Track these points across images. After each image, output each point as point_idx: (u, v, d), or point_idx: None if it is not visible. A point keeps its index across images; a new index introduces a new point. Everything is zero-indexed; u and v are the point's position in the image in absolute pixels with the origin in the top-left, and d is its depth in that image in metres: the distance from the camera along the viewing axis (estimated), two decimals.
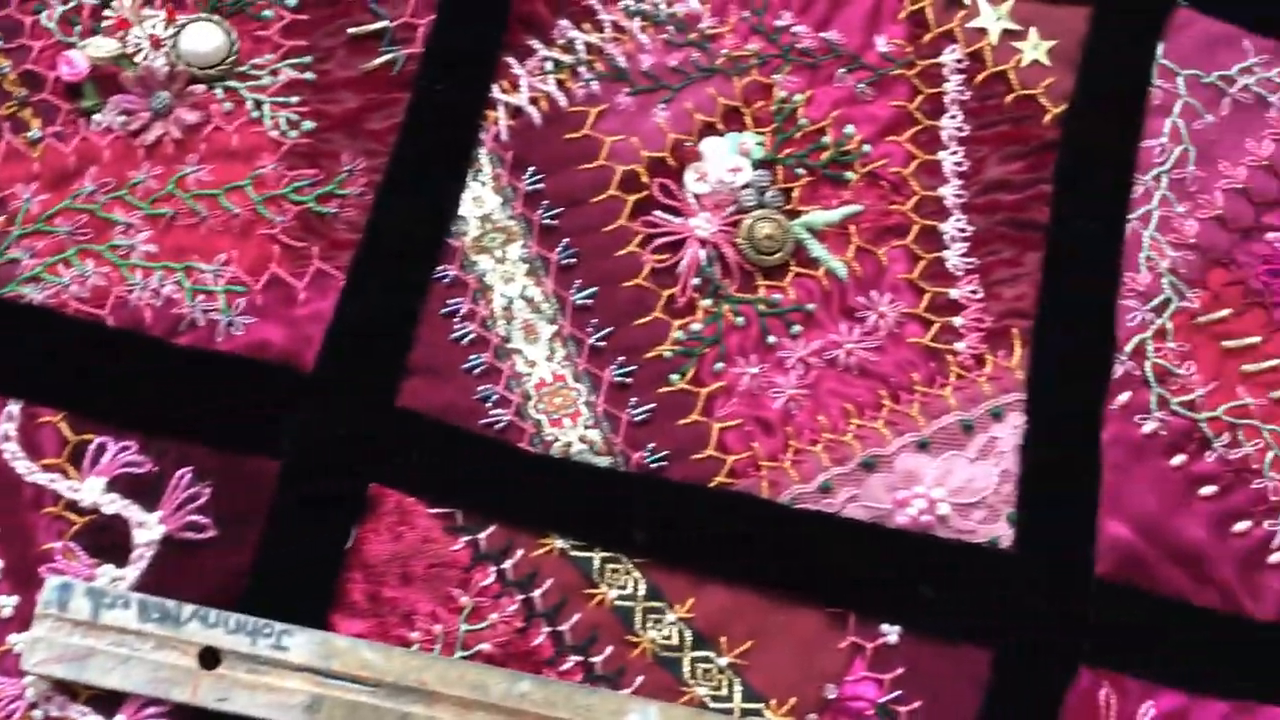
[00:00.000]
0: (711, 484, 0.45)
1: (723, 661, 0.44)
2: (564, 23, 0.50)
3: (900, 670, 0.44)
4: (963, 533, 0.45)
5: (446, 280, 0.47)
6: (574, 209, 0.48)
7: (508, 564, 0.44)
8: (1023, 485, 0.45)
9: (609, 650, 0.44)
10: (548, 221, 0.48)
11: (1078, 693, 0.44)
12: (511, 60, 0.49)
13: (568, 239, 0.48)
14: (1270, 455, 0.46)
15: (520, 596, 0.44)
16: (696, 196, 0.48)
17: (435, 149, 0.48)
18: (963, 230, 0.49)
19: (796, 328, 0.48)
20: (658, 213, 0.48)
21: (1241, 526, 0.46)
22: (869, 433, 0.46)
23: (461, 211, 0.48)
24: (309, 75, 0.49)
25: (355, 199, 0.48)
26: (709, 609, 0.44)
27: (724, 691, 0.43)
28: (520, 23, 0.50)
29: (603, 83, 0.50)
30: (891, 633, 0.44)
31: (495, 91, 0.49)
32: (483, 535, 0.44)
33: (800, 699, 0.43)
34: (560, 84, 0.49)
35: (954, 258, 0.48)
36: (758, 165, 0.49)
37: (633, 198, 0.49)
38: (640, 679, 0.43)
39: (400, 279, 0.46)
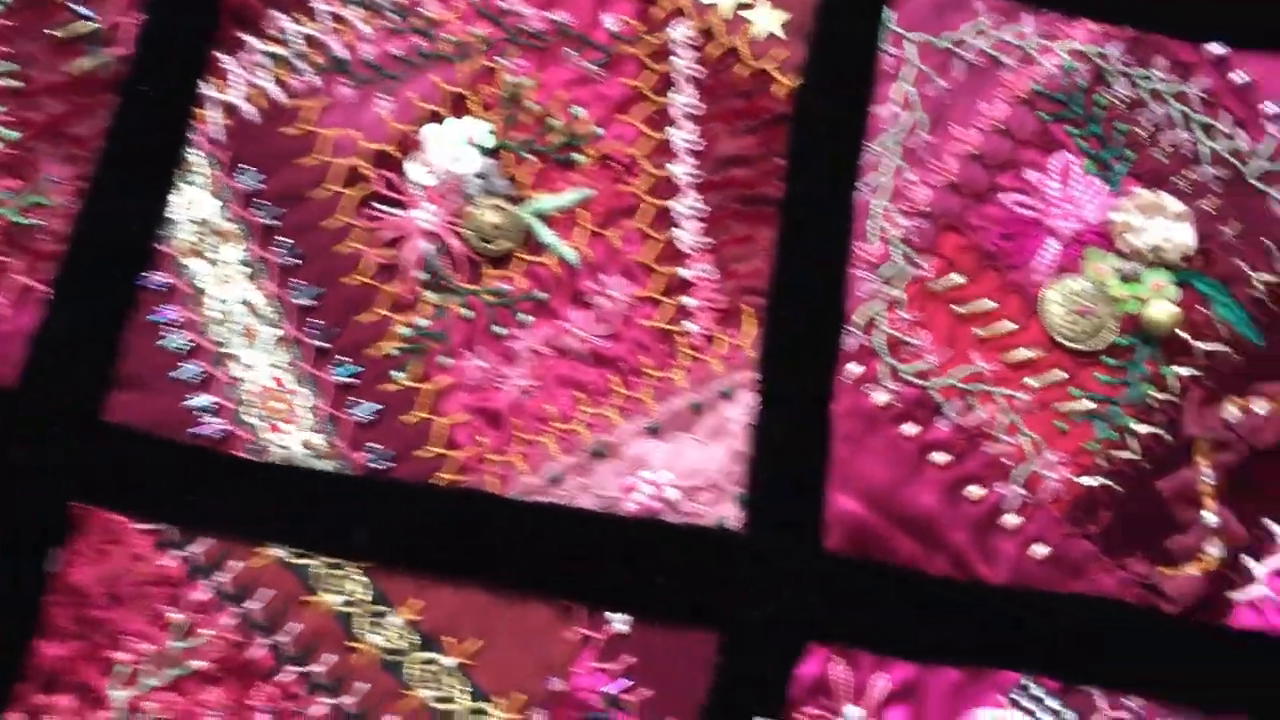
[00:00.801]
0: (438, 481, 0.45)
1: (449, 662, 0.44)
2: (277, 14, 0.49)
3: (630, 659, 0.44)
4: (691, 516, 0.45)
5: (156, 288, 0.47)
6: (295, 207, 0.48)
7: (224, 577, 0.44)
8: (752, 464, 0.46)
9: (330, 658, 0.44)
10: (268, 222, 0.48)
11: (808, 669, 0.44)
12: (223, 56, 0.49)
13: (290, 239, 0.48)
14: (1003, 419, 0.47)
15: (237, 609, 0.44)
16: (421, 187, 0.48)
17: (143, 153, 0.48)
18: (695, 209, 0.49)
19: (526, 317, 0.48)
20: (381, 206, 0.48)
21: (974, 492, 0.46)
22: (599, 420, 0.47)
23: (172, 215, 0.47)
24: (13, 83, 0.48)
25: (60, 209, 0.47)
26: (436, 610, 0.44)
27: (448, 693, 0.43)
28: (232, 17, 0.49)
29: (322, 75, 0.50)
30: (621, 622, 0.44)
31: (207, 89, 0.49)
32: (196, 549, 0.44)
33: (529, 695, 0.44)
34: (277, 78, 0.49)
35: (687, 237, 0.49)
36: (485, 153, 0.49)
37: (355, 192, 0.48)
38: (363, 686, 0.43)
39: (106, 289, 0.46)
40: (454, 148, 0.49)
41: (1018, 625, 0.45)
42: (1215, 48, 0.51)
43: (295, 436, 0.46)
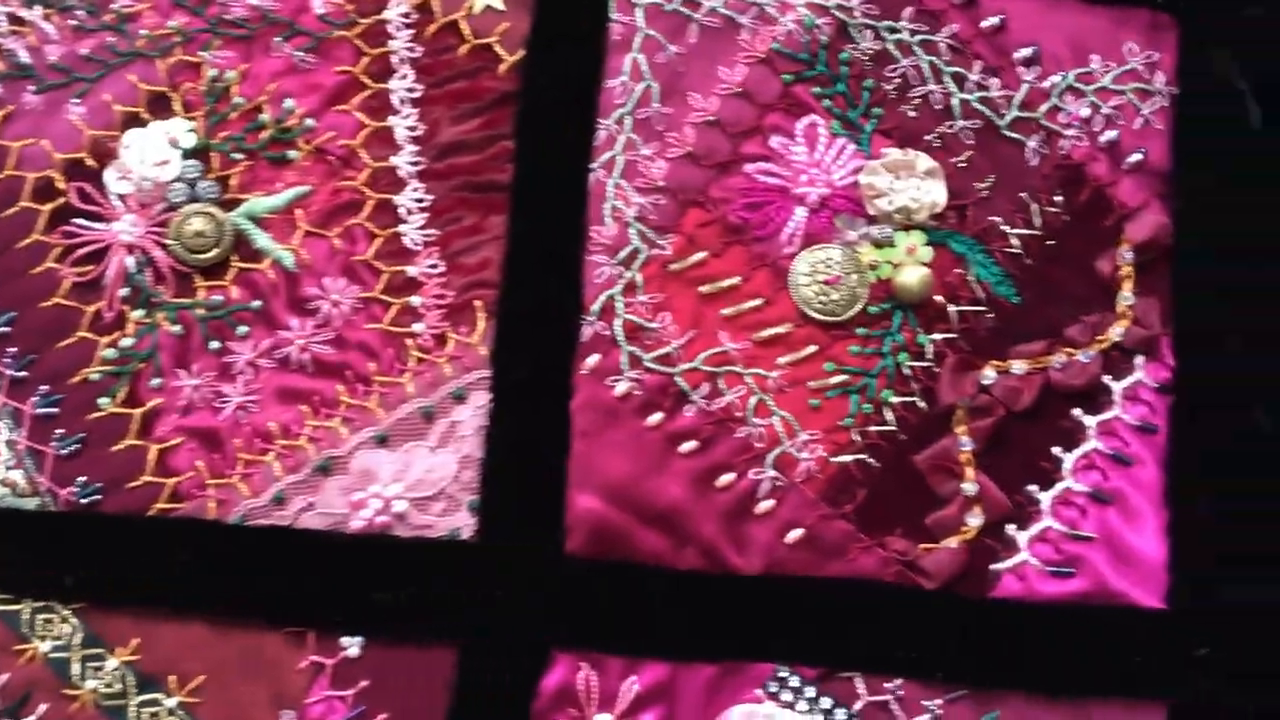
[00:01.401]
0: (151, 512, 0.43)
1: (171, 702, 0.42)
2: None
3: (364, 683, 0.43)
4: (421, 528, 0.44)
5: None
6: None
7: None
8: (485, 469, 0.44)
9: (45, 707, 0.42)
10: None
11: (553, 679, 0.43)
12: None
13: None
14: (753, 401, 0.46)
15: None
16: (121, 197, 0.46)
17: None
18: (420, 201, 0.47)
19: (243, 329, 0.45)
20: (77, 220, 0.45)
21: (725, 480, 0.45)
22: (325, 433, 0.45)
23: None
24: None
25: None
26: (155, 648, 0.43)
27: None
28: None
29: (4, 83, 0.46)
30: (353, 645, 0.43)
31: None
32: None
33: None
34: None
35: (412, 231, 0.47)
36: (188, 155, 0.46)
37: (48, 207, 0.46)
38: None
39: None
40: (154, 152, 0.46)
41: (773, 615, 0.45)
42: None
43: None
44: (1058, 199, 0.49)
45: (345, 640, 0.43)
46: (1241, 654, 0.44)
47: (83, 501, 0.43)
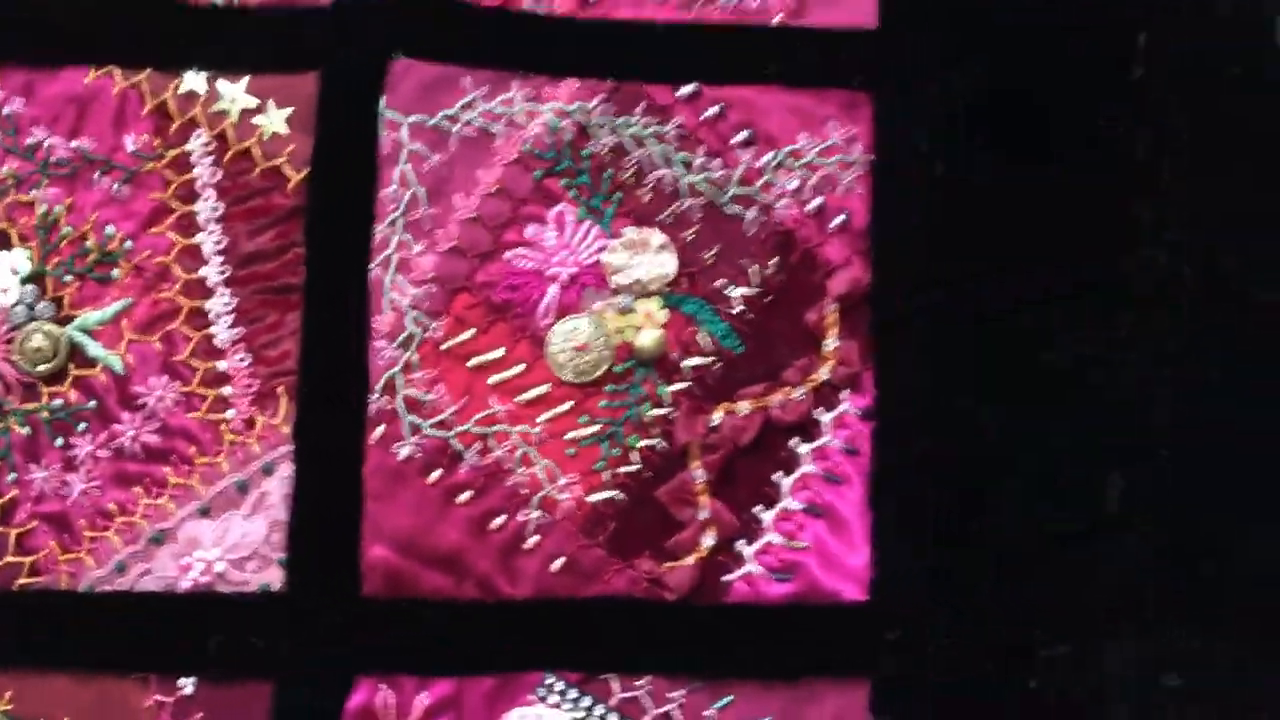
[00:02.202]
0: (15, 586, 0.52)
1: None
2: None
3: (199, 715, 0.52)
4: (239, 584, 0.53)
5: None
6: None
7: None
8: (292, 530, 0.54)
9: None
10: None
11: (356, 700, 0.52)
12: None
13: None
14: (519, 453, 0.55)
15: None
16: None
17: None
18: (227, 305, 0.56)
19: (82, 425, 0.54)
20: None
21: (497, 522, 0.55)
22: (156, 510, 0.55)
23: None
24: None
25: None
26: (27, 698, 0.53)
27: None
28: None
29: None
30: (188, 684, 0.52)
31: None
32: None
33: None
34: None
35: (221, 332, 0.56)
36: (26, 280, 0.55)
37: None
38: None
39: None
40: (4, 284, 0.55)
41: (541, 631, 0.54)
42: (687, 89, 0.59)
43: None
44: (773, 261, 0.58)
45: (181, 681, 0.53)
46: (925, 636, 0.55)
47: None
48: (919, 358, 0.58)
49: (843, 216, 0.59)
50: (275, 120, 0.58)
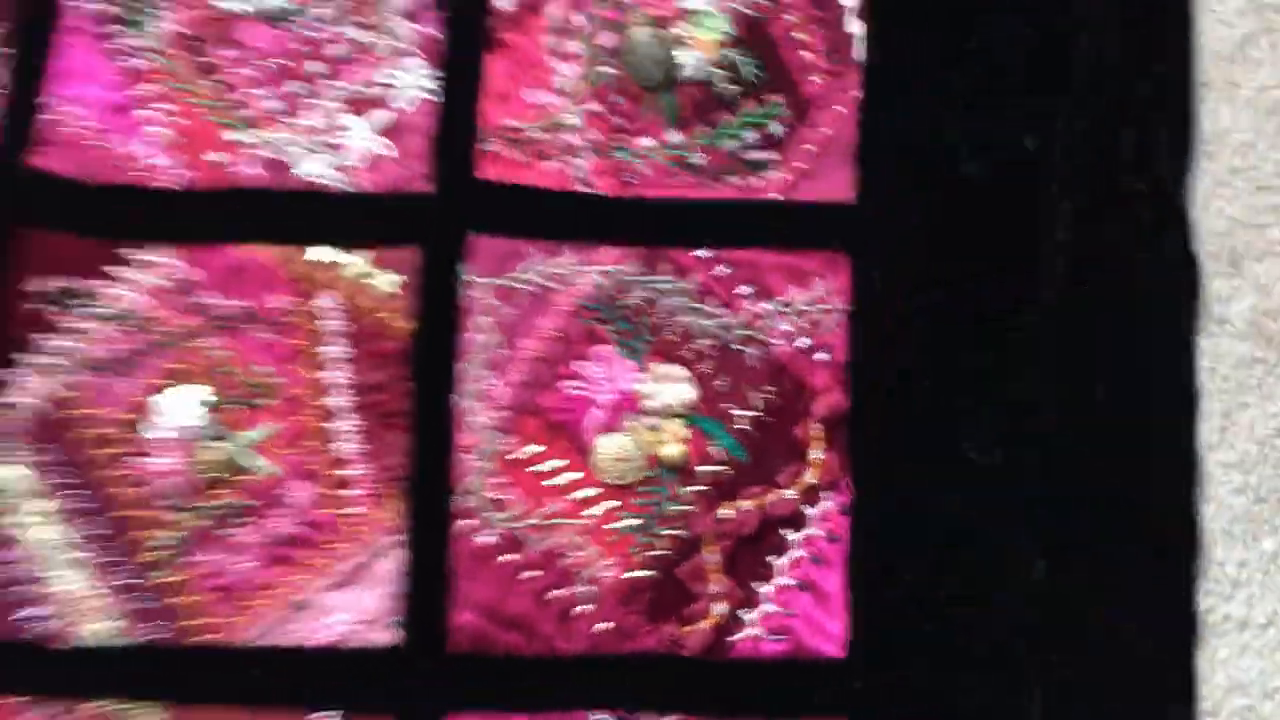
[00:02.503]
0: (186, 643, 0.69)
1: None
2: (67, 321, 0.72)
3: None
4: (361, 641, 0.69)
5: None
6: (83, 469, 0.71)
7: None
8: (405, 601, 0.69)
9: None
10: (62, 480, 0.71)
11: None
12: (18, 355, 0.72)
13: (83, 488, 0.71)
14: (571, 540, 0.71)
15: None
16: (161, 440, 0.71)
17: None
18: (350, 426, 0.72)
19: (246, 519, 0.71)
20: (131, 459, 0.71)
21: (555, 594, 0.71)
22: (298, 584, 0.70)
23: None
24: None
25: None
26: None
27: None
28: (26, 322, 0.72)
29: (85, 371, 0.72)
30: (329, 715, 0.68)
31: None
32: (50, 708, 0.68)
33: None
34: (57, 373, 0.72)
35: (346, 446, 0.72)
36: (205, 407, 0.72)
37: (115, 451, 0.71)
38: None
39: None
40: (186, 408, 0.72)
41: (590, 679, 0.70)
42: (703, 252, 0.75)
43: (104, 624, 0.69)
44: (770, 389, 0.74)
45: (323, 714, 0.69)
46: (889, 684, 0.69)
47: (159, 637, 0.70)
48: (886, 468, 0.74)
49: (825, 353, 0.75)
50: (387, 283, 0.76)
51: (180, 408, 0.75)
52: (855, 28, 0.79)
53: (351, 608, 0.72)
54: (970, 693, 0.72)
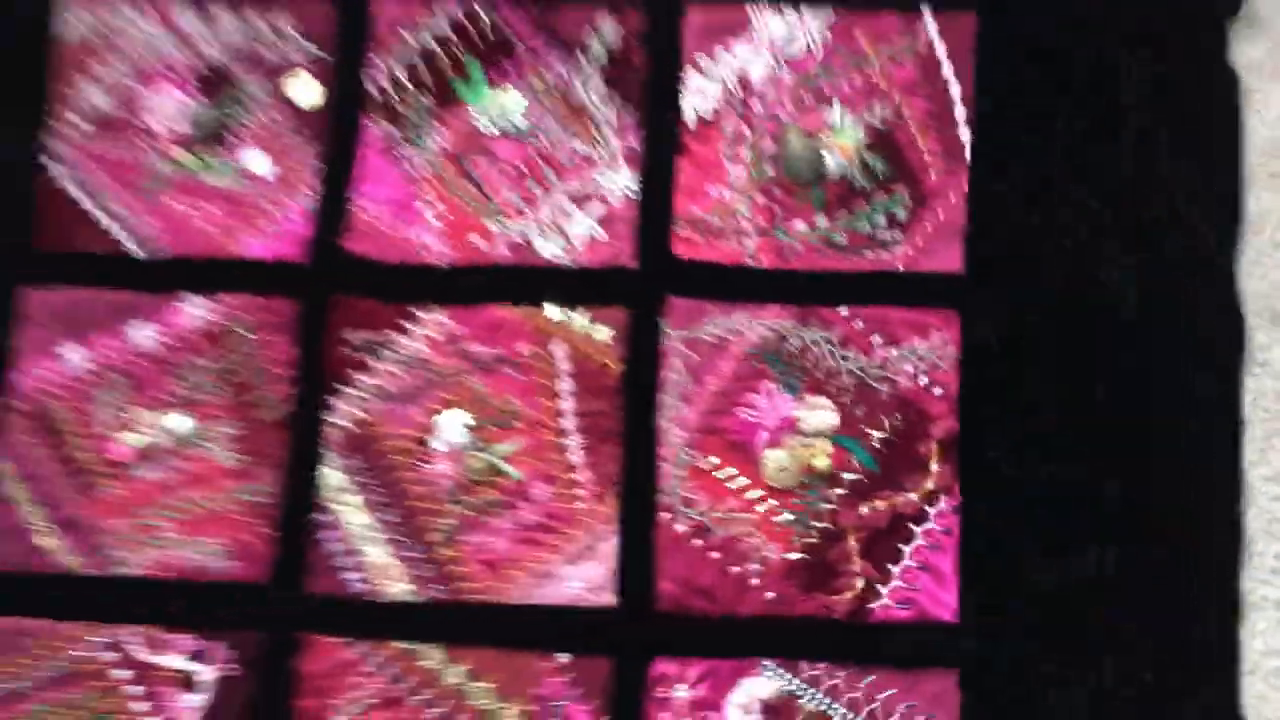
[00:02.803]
0: (462, 598, 0.93)
1: (477, 688, 0.91)
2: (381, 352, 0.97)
3: (572, 676, 0.90)
4: (592, 604, 0.91)
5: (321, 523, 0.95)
6: (388, 474, 0.96)
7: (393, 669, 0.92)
8: (621, 573, 0.92)
9: (444, 706, 0.91)
10: (367, 481, 0.95)
11: (658, 670, 0.90)
12: (339, 386, 0.97)
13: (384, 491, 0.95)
14: (745, 529, 0.93)
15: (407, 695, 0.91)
16: (442, 452, 0.95)
17: (299, 451, 0.96)
18: (578, 442, 0.96)
19: (503, 510, 0.94)
20: (419, 464, 0.95)
21: (734, 570, 0.93)
22: (543, 558, 0.93)
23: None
24: None
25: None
26: (477, 662, 0.91)
27: (487, 707, 0.91)
28: (341, 365, 0.97)
29: (388, 401, 0.97)
30: (564, 657, 0.90)
31: (334, 403, 0.97)
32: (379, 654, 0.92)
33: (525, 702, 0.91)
34: (380, 393, 0.97)
35: (575, 459, 0.96)
36: (467, 428, 0.96)
37: (408, 459, 0.96)
38: None
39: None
40: (455, 428, 0.96)
41: (761, 635, 0.92)
42: (844, 310, 0.96)
43: (400, 586, 0.94)
44: (897, 416, 0.95)
45: (560, 655, 0.92)
46: (991, 645, 0.89)
47: (440, 596, 0.94)
48: (988, 479, 0.94)
49: (941, 389, 0.96)
50: (603, 335, 1.00)
51: (451, 428, 1.00)
52: (965, 135, 1.02)
53: (581, 578, 0.97)
54: (1052, 658, 0.92)
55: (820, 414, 1.00)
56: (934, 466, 0.98)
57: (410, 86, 1.07)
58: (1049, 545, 0.94)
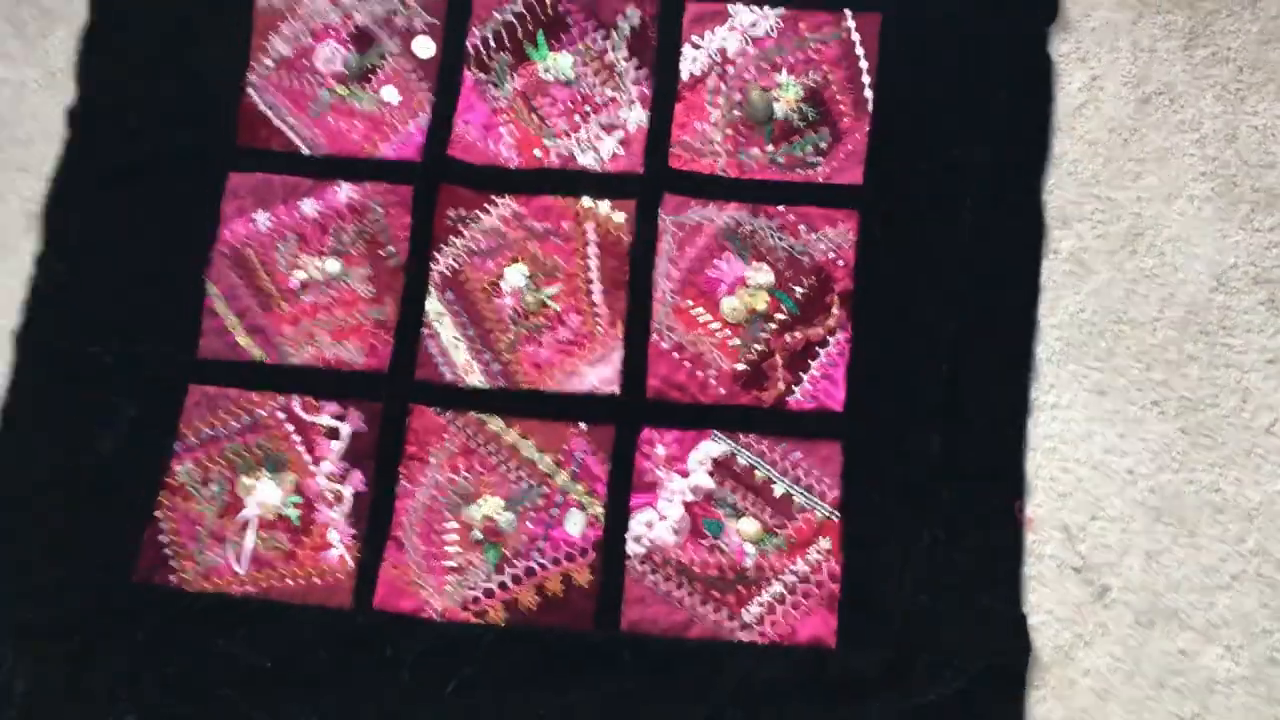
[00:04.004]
0: (517, 388, 1.39)
1: None
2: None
3: None
4: (603, 392, 1.37)
5: None
6: None
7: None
8: (623, 373, 1.38)
9: None
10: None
11: (642, 437, 1.35)
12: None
13: None
14: (702, 349, 1.37)
15: None
16: None
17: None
18: (599, 289, 1.41)
19: (546, 331, 1.40)
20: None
21: (697, 374, 1.37)
22: (573, 363, 1.39)
23: None
24: None
25: None
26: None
27: None
28: None
29: None
30: (584, 426, 1.36)
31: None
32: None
33: None
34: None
35: (596, 297, 1.40)
36: (527, 276, 1.42)
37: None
38: None
39: None
40: (519, 276, 1.42)
41: (714, 415, 1.37)
42: (781, 207, 1.41)
43: (476, 377, 1.39)
44: (813, 278, 1.43)
45: (583, 425, 1.37)
46: (864, 424, 1.35)
47: None
48: (873, 321, 1.39)
49: (843, 261, 1.42)
50: (619, 217, 1.47)
51: (515, 276, 1.47)
52: (869, 95, 1.48)
53: (597, 376, 1.47)
54: (900, 433, 1.37)
55: (762, 274, 1.47)
56: (835, 311, 1.45)
57: (496, 47, 1.55)
58: (901, 369, 1.42)
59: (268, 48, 1.59)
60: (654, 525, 1.43)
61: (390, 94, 1.57)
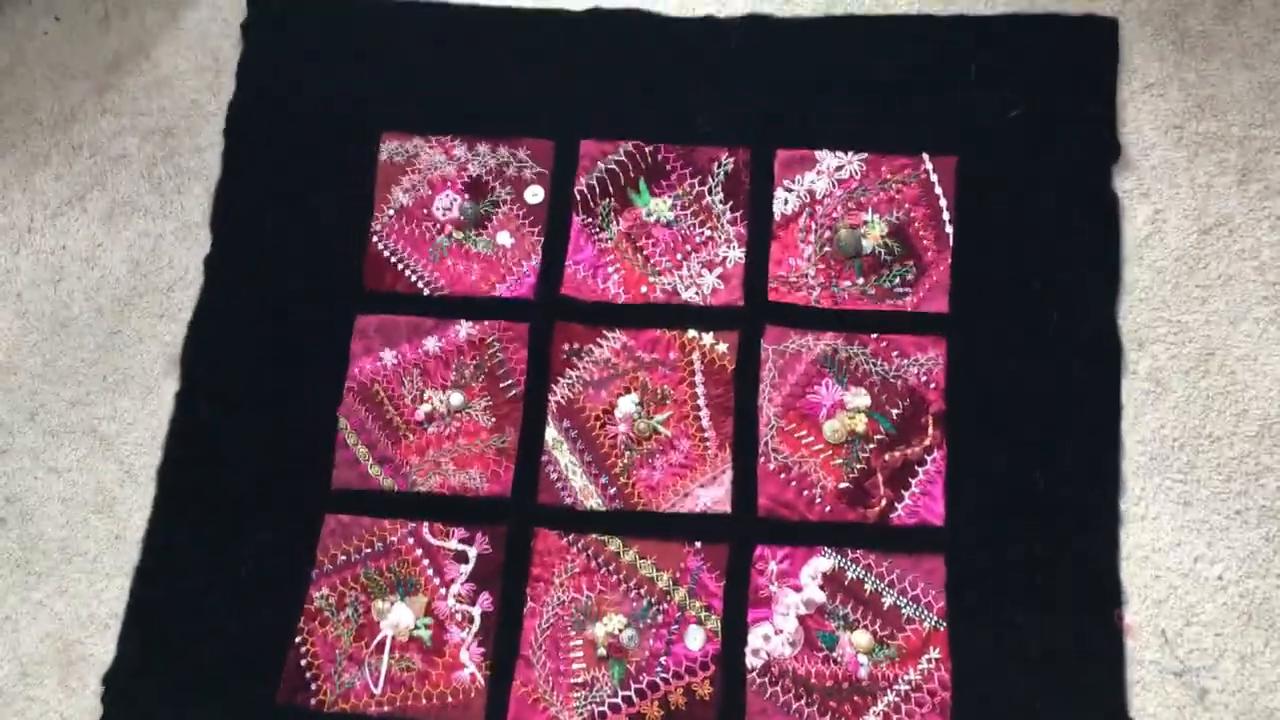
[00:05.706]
0: (633, 509, 1.48)
1: None
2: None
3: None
4: (716, 511, 1.47)
5: None
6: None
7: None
8: (733, 494, 1.47)
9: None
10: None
11: (755, 555, 1.44)
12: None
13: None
14: (808, 469, 1.47)
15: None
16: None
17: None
18: (708, 414, 1.51)
19: (654, 448, 1.50)
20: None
21: (805, 493, 1.47)
22: (686, 484, 1.48)
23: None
24: None
25: None
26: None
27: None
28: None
29: None
30: (698, 545, 1.46)
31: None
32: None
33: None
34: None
35: (705, 423, 1.51)
36: (637, 405, 1.52)
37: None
38: None
39: None
40: (629, 405, 1.53)
41: (822, 532, 1.47)
42: (874, 335, 1.53)
43: (594, 500, 1.49)
44: (907, 400, 1.53)
45: (697, 544, 1.47)
46: (970, 544, 1.44)
47: (618, 506, 1.49)
48: (968, 441, 1.50)
49: (934, 384, 1.53)
50: (723, 347, 1.59)
51: (626, 404, 1.57)
52: (949, 231, 1.61)
53: (709, 496, 1.56)
54: (999, 547, 1.46)
55: (860, 398, 1.58)
56: (930, 431, 1.55)
57: (600, 193, 1.69)
58: (996, 484, 1.52)
59: (390, 198, 1.75)
60: (770, 639, 1.51)
61: (504, 238, 1.71)
